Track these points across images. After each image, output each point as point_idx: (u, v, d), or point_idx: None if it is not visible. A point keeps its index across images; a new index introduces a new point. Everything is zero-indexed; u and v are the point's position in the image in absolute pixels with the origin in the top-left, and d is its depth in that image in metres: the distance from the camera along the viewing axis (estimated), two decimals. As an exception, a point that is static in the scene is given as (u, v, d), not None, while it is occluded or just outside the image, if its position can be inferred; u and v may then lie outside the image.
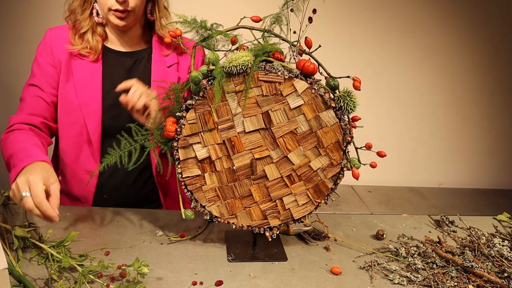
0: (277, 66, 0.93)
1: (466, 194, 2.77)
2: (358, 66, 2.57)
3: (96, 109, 1.22)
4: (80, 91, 1.21)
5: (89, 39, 1.21)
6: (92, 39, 1.21)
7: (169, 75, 1.26)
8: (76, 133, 1.23)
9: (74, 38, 1.21)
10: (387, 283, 0.98)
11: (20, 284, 0.87)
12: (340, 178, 0.99)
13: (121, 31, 1.25)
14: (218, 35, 0.97)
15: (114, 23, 1.18)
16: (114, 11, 1.15)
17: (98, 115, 1.22)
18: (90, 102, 1.21)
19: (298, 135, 0.96)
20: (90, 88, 1.22)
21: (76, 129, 1.23)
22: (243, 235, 1.12)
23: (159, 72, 1.25)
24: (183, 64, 1.29)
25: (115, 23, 1.18)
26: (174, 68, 1.27)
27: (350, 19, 2.55)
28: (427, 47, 2.65)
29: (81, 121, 1.22)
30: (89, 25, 1.21)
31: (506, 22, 2.66)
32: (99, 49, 1.22)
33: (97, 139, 1.23)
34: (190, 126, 0.94)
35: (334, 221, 1.26)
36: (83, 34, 1.21)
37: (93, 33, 1.22)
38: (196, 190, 0.99)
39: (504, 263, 1.05)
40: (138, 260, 0.88)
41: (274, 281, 0.96)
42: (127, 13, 1.16)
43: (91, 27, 1.21)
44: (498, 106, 2.80)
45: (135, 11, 1.17)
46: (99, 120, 1.22)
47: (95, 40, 1.21)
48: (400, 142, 2.77)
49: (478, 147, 2.86)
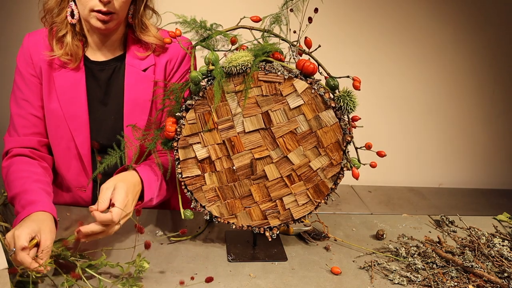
0: (277, 66, 0.93)
1: (466, 194, 2.76)
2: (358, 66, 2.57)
3: (83, 123, 1.15)
4: (64, 103, 1.13)
5: (69, 43, 1.10)
6: (72, 43, 1.11)
7: (144, 79, 1.16)
8: (65, 147, 1.17)
9: (52, 42, 1.11)
10: (387, 283, 0.98)
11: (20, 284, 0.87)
12: (340, 178, 0.99)
13: (101, 34, 1.14)
14: (218, 35, 0.97)
15: (96, 26, 1.05)
16: (97, 13, 1.03)
17: (86, 128, 1.16)
18: (75, 115, 1.15)
19: (298, 135, 0.96)
20: (74, 99, 1.14)
21: (64, 143, 1.17)
22: (243, 235, 1.12)
23: (133, 77, 1.16)
24: (160, 65, 1.18)
25: (97, 26, 1.05)
26: (150, 70, 1.17)
27: (350, 19, 2.55)
28: (428, 47, 2.64)
29: (68, 135, 1.15)
30: (67, 27, 1.10)
31: (506, 22, 2.66)
32: (79, 55, 1.13)
33: (86, 153, 1.17)
34: (190, 126, 0.94)
35: (334, 221, 1.26)
36: (62, 37, 1.11)
37: (72, 36, 1.11)
38: (196, 190, 0.99)
39: (504, 263, 1.05)
40: (139, 256, 0.89)
41: (274, 281, 0.96)
42: (110, 16, 1.05)
43: (70, 29, 1.11)
44: (498, 106, 2.80)
45: (118, 14, 1.06)
46: (87, 134, 1.16)
47: (75, 45, 1.11)
48: (400, 142, 2.77)
49: (478, 147, 2.86)
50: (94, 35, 1.14)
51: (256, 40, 0.98)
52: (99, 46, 1.16)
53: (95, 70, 1.16)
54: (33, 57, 1.13)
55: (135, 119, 1.16)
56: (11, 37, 2.35)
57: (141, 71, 1.16)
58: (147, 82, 1.16)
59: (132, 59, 1.16)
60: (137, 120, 1.15)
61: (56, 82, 1.13)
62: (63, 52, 1.11)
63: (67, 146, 1.17)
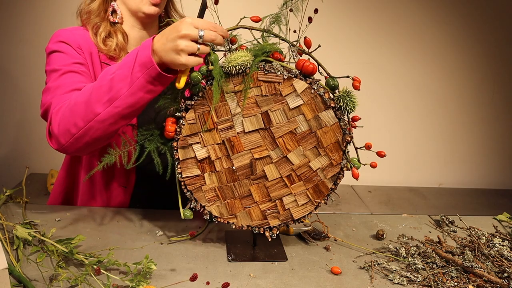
0: (277, 66, 0.93)
1: (466, 194, 2.77)
2: (357, 66, 2.58)
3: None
4: None
5: (115, 39, 1.15)
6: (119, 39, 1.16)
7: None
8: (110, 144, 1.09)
9: (97, 40, 1.15)
10: (387, 283, 0.98)
11: (20, 284, 0.87)
12: (340, 178, 0.99)
13: (143, 25, 1.20)
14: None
15: (149, 12, 1.14)
16: None
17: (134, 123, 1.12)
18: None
19: (298, 135, 0.96)
20: None
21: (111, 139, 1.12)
22: (243, 235, 1.12)
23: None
24: None
25: (150, 11, 1.14)
26: None
27: (350, 19, 2.56)
28: (428, 46, 2.65)
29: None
30: (108, 27, 1.16)
31: (505, 22, 2.66)
32: (126, 49, 1.18)
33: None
34: (190, 126, 0.94)
35: (334, 221, 1.26)
36: (106, 37, 1.16)
37: (116, 33, 1.17)
38: (195, 190, 0.99)
39: (504, 263, 1.05)
40: (147, 257, 0.90)
41: (274, 281, 0.96)
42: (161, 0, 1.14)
43: (110, 29, 1.17)
44: (498, 106, 2.80)
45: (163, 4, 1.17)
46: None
47: (119, 42, 1.16)
48: (400, 142, 2.77)
49: (478, 147, 2.86)
50: (135, 30, 1.21)
51: (255, 40, 0.98)
52: (138, 42, 1.22)
53: None
54: (83, 47, 1.13)
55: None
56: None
57: None
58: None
59: None
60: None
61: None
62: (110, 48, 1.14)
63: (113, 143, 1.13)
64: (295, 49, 0.97)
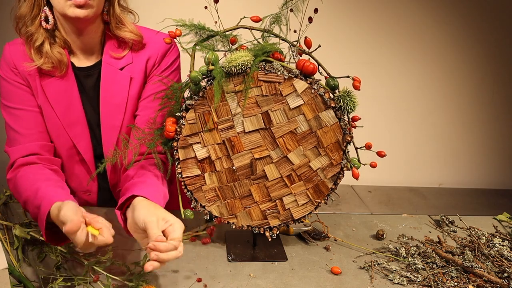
0: (277, 66, 0.93)
1: (466, 194, 2.77)
2: (358, 66, 2.57)
3: (83, 129, 1.14)
4: (61, 112, 1.10)
5: (48, 51, 1.05)
6: (53, 51, 1.06)
7: (121, 78, 1.12)
8: (67, 155, 1.15)
9: (31, 52, 1.06)
10: (387, 283, 0.98)
11: (20, 284, 0.87)
12: (340, 178, 0.99)
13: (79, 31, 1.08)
14: (218, 35, 0.97)
15: (74, 15, 0.99)
16: (72, 0, 0.98)
17: (86, 134, 1.14)
18: (75, 122, 1.12)
19: (298, 135, 0.96)
20: (71, 107, 1.11)
21: (66, 150, 1.14)
22: (243, 235, 1.12)
23: (109, 76, 1.12)
24: (137, 63, 1.14)
25: (75, 14, 0.99)
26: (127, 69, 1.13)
27: (350, 19, 2.55)
28: (428, 46, 2.65)
29: (69, 142, 1.13)
30: (44, 35, 1.05)
31: (505, 22, 2.66)
32: (65, 62, 1.08)
33: (90, 158, 1.16)
34: (190, 126, 0.94)
35: (334, 221, 1.26)
36: (40, 46, 1.05)
37: (51, 44, 1.06)
38: (196, 190, 0.99)
39: (504, 263, 1.05)
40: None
41: (274, 281, 0.96)
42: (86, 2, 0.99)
43: (47, 37, 1.06)
44: (498, 106, 2.80)
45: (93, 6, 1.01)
46: (89, 139, 1.15)
47: (57, 52, 1.06)
48: (400, 142, 2.77)
49: (478, 147, 2.86)
50: (73, 35, 1.09)
51: (256, 40, 0.98)
52: (81, 49, 1.12)
53: (81, 76, 1.13)
54: (18, 67, 1.08)
55: (112, 119, 1.13)
56: None
57: (118, 70, 1.13)
58: (124, 81, 1.13)
59: (109, 58, 1.12)
60: (113, 120, 1.13)
61: (47, 91, 1.09)
62: (44, 61, 1.06)
63: (69, 154, 1.15)
64: (295, 49, 0.97)
